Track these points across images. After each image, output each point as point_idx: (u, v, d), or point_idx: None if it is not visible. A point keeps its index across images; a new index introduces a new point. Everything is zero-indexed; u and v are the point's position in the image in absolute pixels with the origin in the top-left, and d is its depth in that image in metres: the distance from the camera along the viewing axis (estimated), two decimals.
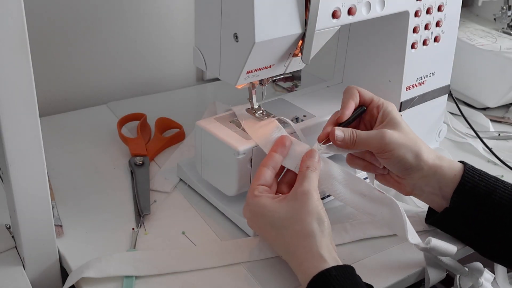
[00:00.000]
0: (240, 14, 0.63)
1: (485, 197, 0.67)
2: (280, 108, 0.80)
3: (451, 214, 0.69)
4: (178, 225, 0.74)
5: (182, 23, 1.10)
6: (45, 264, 0.66)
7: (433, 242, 0.67)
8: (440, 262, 0.69)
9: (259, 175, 0.67)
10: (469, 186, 0.68)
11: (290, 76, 1.17)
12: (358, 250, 0.71)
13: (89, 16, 1.00)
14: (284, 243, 0.63)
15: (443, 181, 0.69)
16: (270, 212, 0.63)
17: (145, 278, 0.65)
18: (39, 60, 0.94)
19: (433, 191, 0.70)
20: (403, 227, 0.66)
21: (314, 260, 0.59)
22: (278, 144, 0.69)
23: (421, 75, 0.85)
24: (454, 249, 0.67)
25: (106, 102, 1.05)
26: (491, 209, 0.67)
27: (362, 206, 0.68)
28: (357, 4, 0.71)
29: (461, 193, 0.68)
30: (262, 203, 0.64)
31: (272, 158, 0.68)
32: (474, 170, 0.69)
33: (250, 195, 0.66)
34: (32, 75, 0.54)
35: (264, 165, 0.67)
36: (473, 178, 0.68)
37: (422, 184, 0.70)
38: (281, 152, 0.69)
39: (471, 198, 0.68)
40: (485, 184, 0.68)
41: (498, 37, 1.13)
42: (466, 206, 0.68)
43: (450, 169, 0.69)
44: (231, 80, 0.68)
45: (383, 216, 0.68)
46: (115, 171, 0.85)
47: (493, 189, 0.67)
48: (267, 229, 0.64)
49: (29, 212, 0.61)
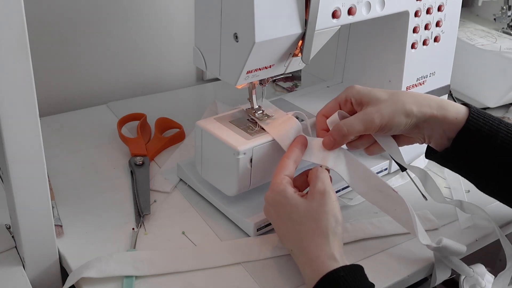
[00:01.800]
0: (240, 14, 0.63)
1: (487, 140, 0.68)
2: (280, 108, 0.80)
3: (452, 154, 0.70)
4: (178, 225, 0.74)
5: (182, 23, 1.10)
6: (45, 264, 0.66)
7: (444, 241, 0.67)
8: (448, 263, 0.69)
9: (284, 165, 0.68)
10: (472, 130, 0.68)
11: (290, 76, 1.17)
12: (358, 250, 0.71)
13: (89, 16, 1.00)
14: (297, 237, 0.63)
15: (447, 127, 0.69)
16: (292, 205, 0.64)
17: (145, 278, 0.65)
18: (39, 60, 0.94)
19: (439, 136, 0.70)
20: (413, 228, 0.67)
21: (326, 259, 0.60)
22: (299, 142, 0.71)
23: (421, 75, 0.85)
24: (464, 248, 0.68)
25: (106, 102, 1.05)
26: (492, 151, 0.68)
27: (378, 201, 0.69)
28: (357, 4, 0.71)
29: (464, 136, 0.68)
30: (287, 193, 0.65)
31: (294, 152, 0.69)
32: (479, 114, 0.69)
33: (278, 181, 0.66)
34: (32, 75, 0.54)
35: (288, 157, 0.68)
36: (478, 122, 0.68)
37: (429, 132, 0.70)
38: (301, 150, 0.70)
39: (473, 141, 0.68)
40: (489, 127, 0.68)
41: (498, 37, 1.13)
42: (467, 148, 0.69)
43: (453, 114, 0.69)
44: (231, 80, 0.68)
45: (396, 213, 0.69)
46: (115, 171, 0.85)
47: (496, 132, 0.68)
48: (284, 220, 0.65)
49: (29, 212, 0.61)
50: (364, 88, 0.71)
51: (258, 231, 0.72)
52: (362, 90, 0.71)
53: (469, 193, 0.83)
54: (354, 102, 0.71)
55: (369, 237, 0.73)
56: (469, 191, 0.83)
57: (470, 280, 0.70)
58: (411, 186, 0.78)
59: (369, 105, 0.69)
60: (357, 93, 0.71)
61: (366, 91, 0.70)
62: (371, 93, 0.70)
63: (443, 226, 0.77)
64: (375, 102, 0.69)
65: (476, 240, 0.75)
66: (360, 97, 0.70)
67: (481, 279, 0.70)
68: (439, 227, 0.76)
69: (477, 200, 0.79)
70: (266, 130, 0.73)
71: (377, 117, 0.68)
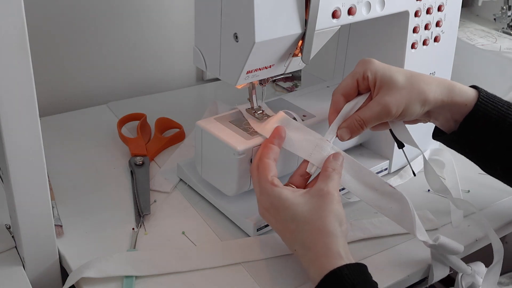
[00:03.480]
0: (240, 14, 0.63)
1: (495, 124, 0.68)
2: (280, 108, 0.80)
3: (459, 137, 0.70)
4: (178, 225, 0.74)
5: (182, 23, 1.10)
6: (45, 264, 0.66)
7: (441, 239, 0.67)
8: (446, 261, 0.69)
9: (267, 166, 0.66)
10: (480, 115, 0.68)
11: (290, 76, 1.17)
12: (358, 250, 0.71)
13: (89, 16, 1.00)
14: (302, 237, 0.62)
15: (455, 112, 0.69)
16: (294, 205, 0.63)
17: (145, 278, 0.65)
18: (39, 60, 0.94)
19: (446, 119, 0.70)
20: (411, 223, 0.66)
21: (332, 257, 0.59)
22: (275, 135, 0.69)
23: None
24: (461, 248, 0.68)
25: (106, 102, 1.05)
26: (500, 135, 0.68)
27: (372, 199, 0.68)
28: (357, 4, 0.71)
29: (471, 121, 0.68)
30: (285, 195, 0.64)
31: (272, 150, 0.68)
32: (488, 98, 0.69)
33: (268, 185, 0.64)
34: (32, 75, 0.54)
35: (268, 157, 0.67)
36: (486, 107, 0.68)
37: (436, 116, 0.71)
38: (278, 144, 0.68)
39: (480, 125, 0.68)
40: (497, 111, 0.68)
41: (498, 37, 1.13)
42: (474, 132, 0.69)
43: (462, 100, 0.69)
44: (231, 80, 0.68)
45: (392, 211, 0.68)
46: (115, 171, 0.85)
47: (505, 117, 0.68)
48: (286, 222, 0.63)
49: (29, 212, 0.61)
50: (382, 67, 0.69)
51: (258, 231, 0.72)
52: (380, 69, 0.69)
53: (469, 193, 0.83)
54: (370, 80, 0.69)
55: (369, 237, 0.73)
56: (469, 191, 0.83)
57: (467, 278, 0.70)
58: (411, 185, 0.79)
59: (386, 90, 0.68)
60: (375, 71, 0.69)
61: (384, 72, 0.69)
62: (389, 74, 0.68)
63: (443, 226, 0.77)
64: (392, 87, 0.68)
65: (476, 240, 0.75)
66: (378, 77, 0.69)
67: (478, 277, 0.70)
68: (439, 227, 0.76)
69: (477, 200, 0.79)
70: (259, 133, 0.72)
71: (394, 107, 0.67)
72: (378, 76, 0.69)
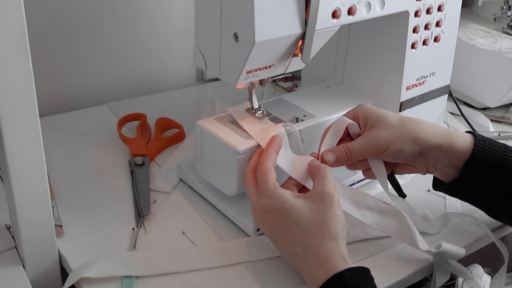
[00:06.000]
0: (240, 14, 0.63)
1: (495, 168, 0.67)
2: (280, 108, 0.80)
3: (460, 184, 0.70)
4: (178, 225, 0.74)
5: (182, 23, 1.10)
6: (45, 264, 0.66)
7: (444, 246, 0.67)
8: (447, 266, 0.69)
9: (268, 170, 0.65)
10: (480, 159, 0.68)
11: (290, 76, 1.17)
12: (358, 250, 0.71)
13: (89, 16, 1.00)
14: (305, 241, 0.62)
15: (453, 156, 0.69)
16: (296, 210, 0.62)
17: (145, 278, 0.65)
18: (39, 60, 0.94)
19: (445, 165, 0.70)
20: (412, 236, 0.67)
21: (337, 261, 0.59)
22: (274, 142, 0.69)
23: (421, 75, 0.85)
24: (463, 251, 0.68)
25: (106, 102, 1.05)
26: (501, 178, 0.67)
27: (370, 219, 0.69)
28: (357, 4, 0.71)
29: (471, 166, 0.68)
30: (287, 198, 0.63)
31: (273, 155, 0.68)
32: (485, 142, 0.69)
33: (270, 188, 0.64)
34: (32, 75, 0.54)
35: (268, 161, 0.67)
36: (484, 151, 0.68)
37: (433, 161, 0.70)
38: (277, 151, 0.69)
39: (481, 170, 0.68)
40: (495, 154, 0.68)
41: (498, 37, 1.13)
42: (475, 178, 0.68)
43: (459, 143, 0.69)
44: (231, 80, 0.68)
45: (391, 227, 0.69)
46: (115, 171, 0.85)
47: (504, 159, 0.68)
48: (287, 226, 0.63)
49: (29, 212, 0.61)
50: (373, 109, 0.71)
51: (258, 231, 0.72)
52: (371, 110, 0.71)
53: None
54: (360, 120, 0.71)
55: (369, 238, 0.73)
56: None
57: (469, 282, 0.70)
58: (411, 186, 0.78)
59: (376, 127, 0.69)
60: (365, 111, 0.71)
61: (376, 112, 0.71)
62: (381, 114, 0.70)
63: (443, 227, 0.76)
64: (382, 125, 0.69)
65: (476, 240, 0.75)
66: (367, 116, 0.71)
67: (479, 281, 0.70)
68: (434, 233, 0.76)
69: None
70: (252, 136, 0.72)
71: (381, 142, 0.68)
72: (370, 116, 0.71)
